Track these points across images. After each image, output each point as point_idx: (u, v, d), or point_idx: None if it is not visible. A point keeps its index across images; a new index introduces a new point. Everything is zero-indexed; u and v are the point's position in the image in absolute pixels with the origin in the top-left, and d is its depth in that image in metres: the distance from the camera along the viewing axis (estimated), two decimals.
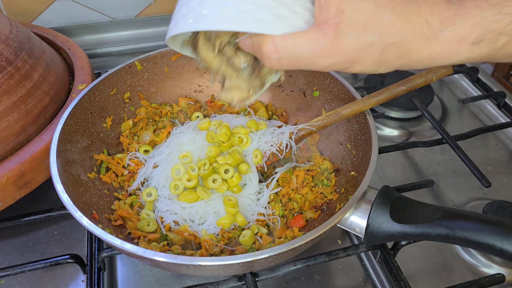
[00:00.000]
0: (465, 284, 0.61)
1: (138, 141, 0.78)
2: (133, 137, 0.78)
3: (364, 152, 0.66)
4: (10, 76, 0.68)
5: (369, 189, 0.57)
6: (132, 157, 0.75)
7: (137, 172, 0.74)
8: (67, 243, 0.70)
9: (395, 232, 0.52)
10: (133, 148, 0.76)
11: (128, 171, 0.73)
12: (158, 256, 0.50)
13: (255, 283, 0.59)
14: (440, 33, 0.38)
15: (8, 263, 0.67)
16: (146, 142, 0.77)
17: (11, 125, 0.67)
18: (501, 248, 0.46)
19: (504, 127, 0.87)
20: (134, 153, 0.75)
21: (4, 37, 0.71)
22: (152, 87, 0.83)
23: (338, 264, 0.68)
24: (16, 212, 0.68)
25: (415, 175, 0.83)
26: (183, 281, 0.65)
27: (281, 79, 0.55)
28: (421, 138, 0.91)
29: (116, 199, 0.70)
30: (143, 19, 1.11)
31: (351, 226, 0.56)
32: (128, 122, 0.79)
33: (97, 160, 0.71)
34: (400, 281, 0.61)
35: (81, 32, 1.08)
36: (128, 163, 0.74)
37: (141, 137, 0.78)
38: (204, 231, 0.64)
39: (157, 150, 0.76)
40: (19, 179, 0.64)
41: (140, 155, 0.75)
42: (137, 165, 0.74)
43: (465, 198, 0.79)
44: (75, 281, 0.65)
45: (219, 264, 0.49)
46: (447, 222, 0.49)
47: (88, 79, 0.81)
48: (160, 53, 0.81)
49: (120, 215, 0.65)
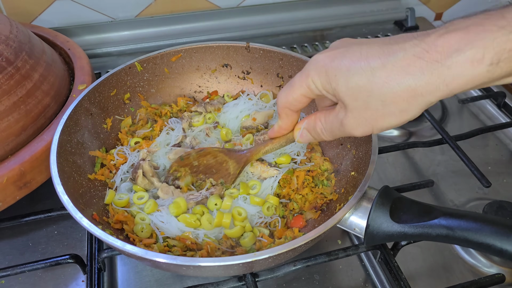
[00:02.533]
0: (465, 284, 0.61)
1: (133, 136, 0.78)
2: (132, 135, 0.78)
3: (364, 152, 0.66)
4: (10, 76, 0.68)
5: (369, 189, 0.57)
6: (121, 152, 0.74)
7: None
8: (67, 243, 0.70)
9: (395, 232, 0.52)
10: (127, 143, 0.76)
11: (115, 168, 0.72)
12: (159, 257, 0.50)
13: (255, 283, 0.59)
14: (446, 60, 0.39)
15: (8, 263, 0.67)
16: (140, 135, 0.77)
17: (11, 125, 0.67)
18: (501, 248, 0.46)
19: (504, 127, 0.87)
20: (122, 147, 0.74)
21: (4, 37, 0.71)
22: (152, 87, 0.83)
23: (338, 264, 0.68)
24: (16, 212, 0.68)
25: (415, 175, 0.83)
26: (183, 281, 0.65)
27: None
28: (421, 138, 0.91)
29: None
30: (143, 19, 1.11)
31: (351, 227, 0.56)
32: (128, 120, 0.78)
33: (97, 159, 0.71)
34: (400, 281, 0.61)
35: (81, 32, 1.08)
36: (116, 158, 0.72)
37: (137, 132, 0.78)
38: (206, 236, 0.63)
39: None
40: (19, 179, 0.64)
41: (127, 149, 0.74)
42: (124, 160, 0.73)
43: (465, 198, 0.79)
44: (75, 281, 0.65)
45: (219, 265, 0.50)
46: (447, 222, 0.49)
47: (88, 79, 0.81)
48: (160, 54, 0.81)
49: (117, 219, 0.64)
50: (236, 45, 0.83)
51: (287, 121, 0.56)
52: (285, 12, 1.18)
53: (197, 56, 0.84)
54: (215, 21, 1.14)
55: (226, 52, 0.84)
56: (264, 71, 0.85)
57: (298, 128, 0.56)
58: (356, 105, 0.44)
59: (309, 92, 0.49)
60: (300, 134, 0.56)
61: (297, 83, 0.50)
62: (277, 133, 0.60)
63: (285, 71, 0.83)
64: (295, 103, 0.52)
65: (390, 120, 0.44)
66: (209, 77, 0.87)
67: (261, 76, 0.86)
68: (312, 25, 1.20)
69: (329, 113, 0.50)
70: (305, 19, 1.19)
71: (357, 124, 0.46)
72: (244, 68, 0.86)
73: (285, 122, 0.56)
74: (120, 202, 0.66)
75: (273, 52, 0.82)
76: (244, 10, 1.16)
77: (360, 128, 0.46)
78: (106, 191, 0.69)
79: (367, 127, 0.46)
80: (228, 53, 0.84)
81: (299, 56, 0.80)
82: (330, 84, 0.46)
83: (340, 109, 0.47)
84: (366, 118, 0.45)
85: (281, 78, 0.84)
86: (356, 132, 0.47)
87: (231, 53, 0.84)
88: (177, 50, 0.82)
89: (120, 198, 0.67)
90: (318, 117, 0.52)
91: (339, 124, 0.48)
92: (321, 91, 0.48)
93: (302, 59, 0.79)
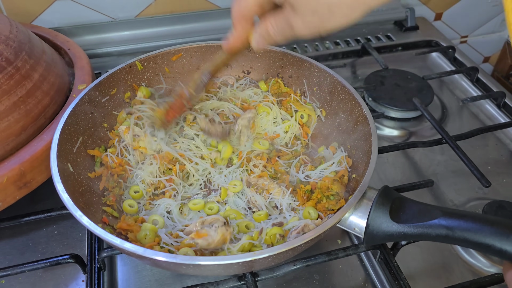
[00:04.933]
0: (465, 284, 0.61)
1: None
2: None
3: (364, 152, 0.66)
4: (10, 76, 0.68)
5: (369, 189, 0.57)
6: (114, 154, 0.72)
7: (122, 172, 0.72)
8: (67, 243, 0.70)
9: (394, 232, 0.52)
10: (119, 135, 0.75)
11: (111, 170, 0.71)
12: (158, 255, 0.50)
13: (255, 282, 0.59)
14: None
15: (8, 263, 0.67)
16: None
17: (11, 125, 0.67)
18: (501, 249, 0.46)
19: (504, 127, 0.87)
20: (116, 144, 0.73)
21: (4, 37, 0.71)
22: (153, 87, 0.83)
23: (338, 264, 0.68)
24: (16, 212, 0.68)
25: (415, 175, 0.83)
26: (183, 280, 0.65)
27: None
28: (421, 138, 0.91)
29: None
30: (143, 19, 1.11)
31: (350, 226, 0.56)
32: (121, 114, 0.77)
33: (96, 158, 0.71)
34: (400, 281, 0.61)
35: (81, 32, 1.08)
36: (110, 159, 0.71)
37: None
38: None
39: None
40: (19, 179, 0.64)
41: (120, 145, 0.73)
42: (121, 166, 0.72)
43: (465, 198, 0.79)
44: (75, 281, 0.65)
45: (219, 264, 0.50)
46: (446, 223, 0.49)
47: (88, 79, 0.81)
48: (161, 53, 0.81)
49: (120, 227, 0.63)
50: None
51: (241, 30, 0.58)
52: None
53: (197, 56, 0.84)
54: (215, 21, 1.14)
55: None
56: (264, 71, 0.85)
57: (251, 35, 0.58)
58: (304, 10, 0.48)
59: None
60: (255, 40, 0.57)
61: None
62: (232, 44, 0.61)
63: (285, 71, 0.83)
64: (248, 10, 0.55)
65: (335, 23, 0.49)
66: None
67: (261, 75, 0.86)
68: None
69: (278, 16, 0.52)
70: None
71: (304, 27, 0.50)
72: (245, 67, 0.86)
73: (239, 31, 0.58)
74: (131, 210, 0.67)
75: (273, 52, 0.82)
76: None
77: (308, 30, 0.50)
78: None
79: (314, 29, 0.50)
80: None
81: (300, 56, 0.80)
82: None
83: (288, 13, 0.50)
84: (313, 22, 0.49)
85: (282, 78, 0.84)
86: (304, 33, 0.51)
87: None
88: (177, 49, 0.82)
89: (131, 206, 0.68)
90: (269, 21, 0.54)
91: (289, 27, 0.51)
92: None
93: (303, 59, 0.79)
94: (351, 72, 1.09)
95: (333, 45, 1.15)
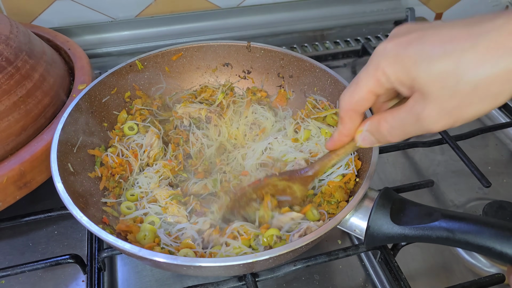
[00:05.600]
0: (465, 284, 0.61)
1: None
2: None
3: (364, 153, 0.66)
4: (10, 76, 0.68)
5: (369, 190, 0.57)
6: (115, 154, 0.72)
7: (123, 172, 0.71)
8: (67, 243, 0.70)
9: (395, 234, 0.52)
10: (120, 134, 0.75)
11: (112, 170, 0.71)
12: (159, 256, 0.50)
13: (255, 283, 0.59)
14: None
15: (8, 263, 0.67)
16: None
17: (11, 125, 0.66)
18: (501, 251, 0.46)
19: (504, 127, 0.87)
20: (116, 144, 0.73)
21: (4, 37, 0.71)
22: (153, 86, 0.83)
23: (338, 264, 0.68)
24: (16, 212, 0.68)
25: (415, 175, 0.83)
26: (183, 281, 0.65)
27: None
28: (421, 138, 0.91)
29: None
30: (143, 19, 1.11)
31: (351, 228, 0.56)
32: (121, 114, 0.77)
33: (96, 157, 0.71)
34: (400, 281, 0.61)
35: (81, 32, 1.08)
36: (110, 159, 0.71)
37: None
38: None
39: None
40: (19, 179, 0.64)
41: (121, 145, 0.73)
42: (122, 166, 0.71)
43: (465, 198, 0.79)
44: (75, 281, 0.65)
45: (219, 265, 0.49)
46: (447, 225, 0.49)
47: (88, 79, 0.81)
48: (161, 52, 0.81)
49: (119, 229, 0.63)
50: (237, 44, 0.83)
51: (351, 125, 0.50)
52: (285, 12, 1.18)
53: (198, 55, 0.84)
54: (215, 21, 1.14)
55: (227, 51, 0.84)
56: (265, 71, 0.85)
57: (359, 131, 0.51)
58: (440, 94, 0.39)
59: (378, 87, 0.44)
60: (362, 138, 0.50)
61: (363, 78, 0.46)
62: (337, 141, 0.54)
63: (285, 71, 0.83)
64: (362, 102, 0.47)
65: (478, 108, 0.39)
66: (210, 76, 0.87)
67: (261, 75, 0.86)
68: (312, 25, 1.20)
69: (397, 111, 0.44)
70: (305, 19, 1.19)
71: (439, 116, 0.41)
72: (245, 67, 0.86)
73: (348, 127, 0.51)
74: (129, 212, 0.66)
75: (274, 52, 0.82)
76: (244, 10, 1.15)
77: (442, 121, 0.41)
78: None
79: (450, 119, 0.41)
80: (229, 52, 0.84)
81: (300, 56, 0.80)
82: (408, 73, 0.41)
83: (416, 102, 0.42)
84: (450, 108, 0.40)
85: (282, 78, 0.84)
86: (437, 126, 0.42)
87: (232, 52, 0.84)
88: (178, 48, 0.82)
89: (129, 208, 0.67)
90: (383, 117, 0.46)
91: (414, 119, 0.42)
92: (393, 83, 0.43)
93: (303, 59, 0.79)
94: (351, 72, 1.09)
95: (333, 45, 1.15)
